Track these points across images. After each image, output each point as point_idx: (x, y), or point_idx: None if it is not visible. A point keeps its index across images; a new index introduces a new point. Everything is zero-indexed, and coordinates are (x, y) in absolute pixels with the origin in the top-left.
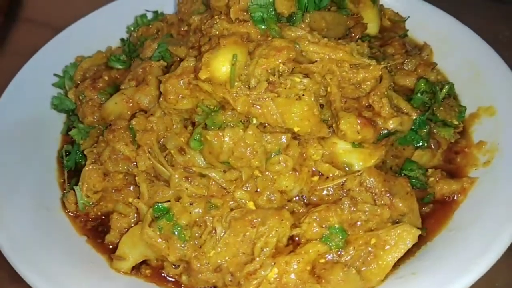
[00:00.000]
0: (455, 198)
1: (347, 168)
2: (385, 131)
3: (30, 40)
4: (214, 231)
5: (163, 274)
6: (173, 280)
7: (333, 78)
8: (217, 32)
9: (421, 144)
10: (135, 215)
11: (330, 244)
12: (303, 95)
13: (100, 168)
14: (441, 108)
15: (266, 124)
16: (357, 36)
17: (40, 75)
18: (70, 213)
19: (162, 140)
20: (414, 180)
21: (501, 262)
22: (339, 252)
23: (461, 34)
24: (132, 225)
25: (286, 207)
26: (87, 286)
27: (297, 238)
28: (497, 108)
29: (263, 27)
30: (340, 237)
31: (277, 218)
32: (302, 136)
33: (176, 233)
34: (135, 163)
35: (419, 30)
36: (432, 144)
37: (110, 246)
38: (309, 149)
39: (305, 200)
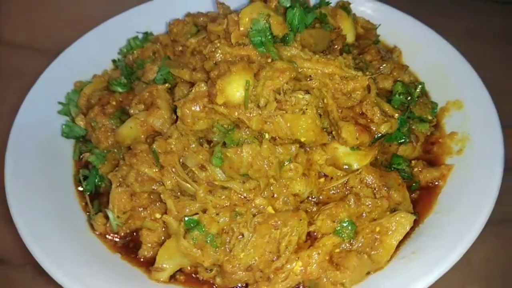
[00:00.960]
0: (437, 183)
1: (346, 167)
2: (378, 135)
3: (12, 61)
4: (241, 236)
5: (196, 277)
6: (209, 282)
7: (328, 91)
8: (221, 56)
9: (403, 140)
10: (163, 229)
11: (342, 235)
12: (306, 109)
13: (127, 190)
14: (416, 106)
15: (276, 137)
16: (339, 47)
17: (43, 103)
18: (99, 234)
19: (181, 159)
20: (402, 173)
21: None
22: (350, 242)
23: (425, 37)
24: (162, 238)
25: (301, 208)
26: None
27: (314, 234)
28: (464, 101)
29: (262, 50)
30: (350, 229)
31: (296, 219)
32: (307, 144)
33: (208, 241)
34: (159, 182)
35: (388, 35)
36: (412, 139)
37: (142, 259)
38: (314, 155)
39: (315, 200)
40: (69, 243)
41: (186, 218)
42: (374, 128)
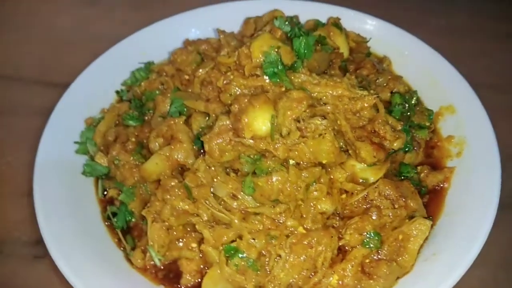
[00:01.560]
0: (442, 186)
1: (363, 181)
2: (392, 151)
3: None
4: (278, 257)
5: None
6: None
7: (340, 112)
8: (236, 89)
9: (408, 148)
10: (200, 256)
11: (370, 246)
12: (325, 133)
13: (164, 225)
14: (414, 114)
15: (300, 162)
16: (338, 65)
17: (58, 142)
18: (139, 268)
19: (212, 190)
20: (411, 180)
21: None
22: (378, 251)
23: (412, 45)
24: (201, 266)
25: (327, 224)
26: None
27: (344, 247)
28: (456, 106)
29: (276, 79)
30: (377, 239)
31: (328, 236)
32: (328, 165)
33: (249, 265)
34: (194, 214)
35: (375, 45)
36: (415, 146)
37: (182, 286)
38: (335, 174)
39: (340, 215)
40: (114, 282)
41: (226, 246)
42: (387, 145)
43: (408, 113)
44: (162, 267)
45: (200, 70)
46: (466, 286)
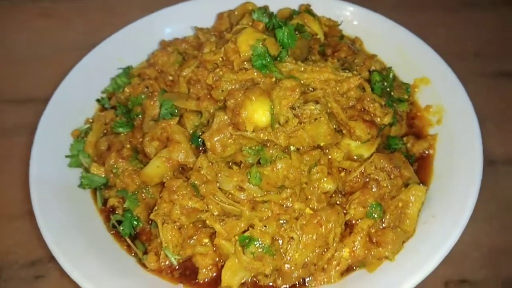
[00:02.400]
0: (428, 153)
1: (356, 158)
2: (382, 126)
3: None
4: (291, 239)
5: (258, 285)
6: (269, 285)
7: (329, 96)
8: (227, 84)
9: (393, 122)
10: (214, 250)
11: (374, 217)
12: (320, 117)
13: (175, 225)
14: (393, 89)
15: (300, 147)
16: (317, 50)
17: (48, 157)
18: (154, 271)
19: (217, 185)
20: (401, 151)
21: None
22: (382, 220)
23: (381, 24)
24: (216, 259)
25: (331, 202)
26: None
27: (350, 222)
28: (429, 76)
29: (266, 71)
30: (379, 210)
31: (335, 213)
32: (325, 146)
33: (265, 251)
34: (203, 211)
35: (348, 28)
36: (398, 119)
37: (202, 282)
38: (332, 154)
39: (342, 192)
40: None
41: (240, 236)
42: (378, 121)
43: (388, 89)
44: (177, 267)
45: (186, 70)
46: (460, 242)
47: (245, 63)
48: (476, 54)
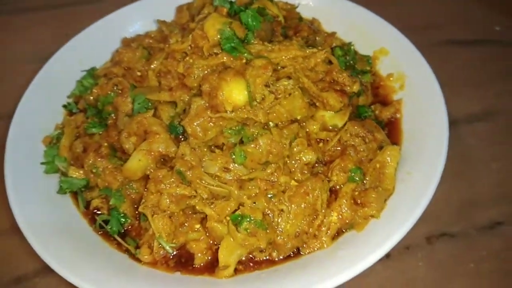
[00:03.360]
0: (395, 117)
1: (331, 128)
2: (352, 94)
3: None
4: (281, 212)
5: (254, 261)
6: (265, 259)
7: (299, 71)
8: (199, 70)
9: (359, 92)
10: (207, 234)
11: (356, 180)
12: (294, 92)
13: (165, 215)
14: (356, 63)
15: (278, 123)
16: (280, 32)
17: (23, 171)
18: (149, 263)
19: (203, 169)
20: (370, 118)
21: None
22: (363, 183)
23: (336, 3)
24: (210, 242)
25: (314, 172)
26: None
27: (333, 188)
28: (387, 47)
29: (236, 53)
30: (359, 173)
31: (319, 181)
32: (301, 120)
33: (258, 226)
34: (192, 196)
35: (305, 10)
36: (363, 89)
37: (199, 267)
38: (309, 127)
39: (322, 162)
40: (134, 282)
41: (231, 216)
42: (348, 89)
43: (351, 62)
44: (171, 256)
45: (154, 63)
46: (434, 200)
47: (213, 48)
48: (425, 27)
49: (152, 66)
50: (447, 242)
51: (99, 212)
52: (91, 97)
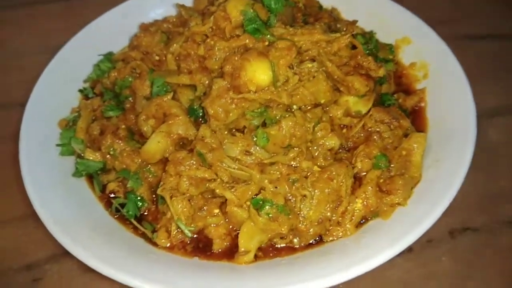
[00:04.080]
0: (420, 106)
1: (354, 114)
2: (378, 79)
3: None
4: (304, 197)
5: (275, 247)
6: (284, 246)
7: (322, 55)
8: (221, 52)
9: (382, 80)
10: (226, 220)
11: (381, 166)
12: (318, 75)
13: (184, 197)
14: (378, 51)
15: (301, 106)
16: (300, 19)
17: (37, 155)
18: (166, 248)
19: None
20: (395, 106)
21: None
22: (388, 169)
23: None
24: (230, 227)
25: (337, 158)
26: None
27: (357, 175)
28: (410, 36)
29: (259, 35)
30: (385, 159)
31: (344, 166)
32: (325, 104)
33: (280, 211)
34: (211, 180)
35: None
36: (386, 78)
37: (218, 253)
38: (333, 112)
39: (345, 148)
40: (151, 266)
41: (253, 200)
42: (373, 74)
43: (373, 50)
44: (189, 241)
45: (174, 46)
46: (458, 191)
47: (235, 30)
48: (439, 22)
49: (171, 49)
50: (470, 236)
51: (114, 196)
52: (108, 81)
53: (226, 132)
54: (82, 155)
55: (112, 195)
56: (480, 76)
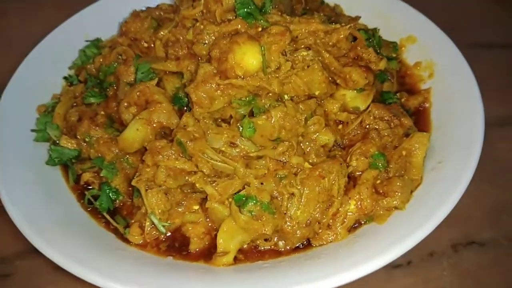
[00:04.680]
0: (424, 106)
1: (352, 110)
2: (378, 72)
3: None
4: (291, 196)
5: (257, 250)
6: (268, 248)
7: (320, 46)
8: (211, 35)
9: (384, 78)
10: (206, 218)
11: (378, 166)
12: (313, 64)
13: (160, 190)
14: (381, 48)
15: (293, 97)
16: (300, 12)
17: (12, 140)
18: (139, 245)
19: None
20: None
21: None
22: (386, 170)
23: None
24: (210, 225)
25: (331, 156)
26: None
27: (352, 174)
28: (415, 34)
29: (251, 20)
30: (383, 159)
31: (337, 163)
32: (320, 97)
33: (264, 209)
34: (192, 172)
35: None
36: (389, 76)
37: (194, 253)
38: (328, 106)
39: (340, 146)
40: (119, 264)
41: (235, 196)
42: (373, 67)
43: (376, 47)
44: (163, 239)
45: (162, 31)
46: (462, 203)
47: (227, 14)
48: (449, 29)
49: (159, 35)
50: (476, 251)
51: (90, 188)
52: (93, 67)
53: (211, 122)
54: (58, 142)
55: (87, 187)
56: (490, 84)
